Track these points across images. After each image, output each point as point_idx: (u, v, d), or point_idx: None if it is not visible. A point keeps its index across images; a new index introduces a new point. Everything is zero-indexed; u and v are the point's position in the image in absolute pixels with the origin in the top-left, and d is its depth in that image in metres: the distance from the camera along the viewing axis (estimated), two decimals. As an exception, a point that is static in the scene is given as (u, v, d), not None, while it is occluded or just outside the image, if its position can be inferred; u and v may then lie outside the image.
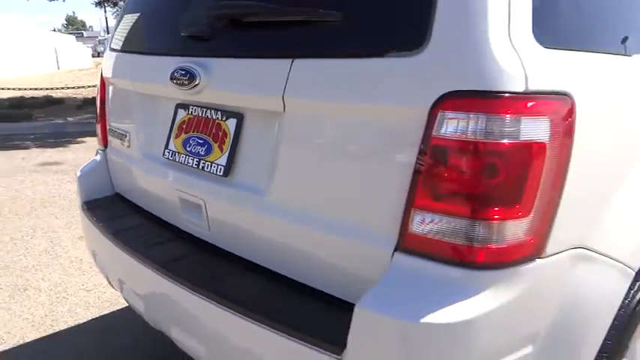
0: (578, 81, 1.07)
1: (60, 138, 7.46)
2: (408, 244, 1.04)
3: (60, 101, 11.12)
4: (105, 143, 2.03)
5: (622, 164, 1.20)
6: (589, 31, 1.21)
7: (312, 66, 1.17)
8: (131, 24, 1.85)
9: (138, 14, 1.82)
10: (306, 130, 1.21)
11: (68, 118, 9.14)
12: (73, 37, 32.22)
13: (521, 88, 0.95)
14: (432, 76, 0.99)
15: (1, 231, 3.78)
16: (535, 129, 0.97)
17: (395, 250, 1.06)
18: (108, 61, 1.97)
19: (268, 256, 1.34)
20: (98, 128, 2.08)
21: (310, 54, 1.18)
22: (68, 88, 12.84)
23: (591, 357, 1.20)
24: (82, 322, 2.57)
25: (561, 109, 1.02)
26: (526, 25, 1.01)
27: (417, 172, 1.01)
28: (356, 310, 1.01)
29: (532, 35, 1.02)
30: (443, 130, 0.97)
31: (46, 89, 12.12)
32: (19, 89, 11.79)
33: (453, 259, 1.00)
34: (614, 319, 1.30)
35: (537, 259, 1.04)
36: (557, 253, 1.08)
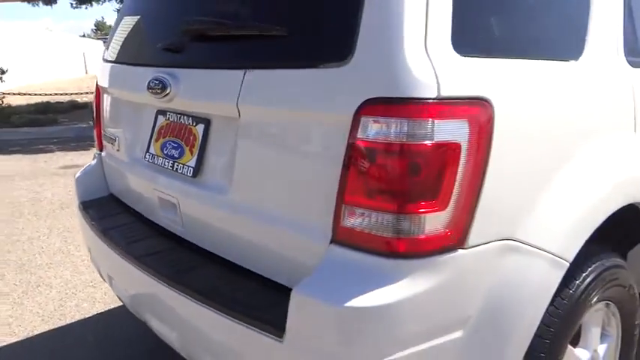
0: (499, 87, 1.17)
1: (82, 142, 7.73)
2: (339, 236, 1.15)
3: (84, 106, 11.49)
4: (100, 147, 2.19)
5: (549, 164, 1.28)
6: (512, 39, 1.30)
7: (259, 76, 1.29)
8: (120, 37, 2.00)
9: (125, 29, 1.97)
10: (257, 135, 1.34)
11: (90, 122, 9.42)
12: (101, 43, 33.03)
13: (433, 95, 1.05)
14: (355, 85, 1.10)
15: (20, 231, 4.00)
16: (449, 131, 1.07)
17: (330, 242, 1.17)
18: (101, 70, 2.12)
19: (230, 249, 1.46)
20: (95, 133, 2.23)
21: (258, 65, 1.30)
22: (93, 93, 13.20)
23: (524, 342, 1.29)
24: (87, 316, 2.74)
25: (478, 113, 1.11)
26: (444, 36, 1.11)
27: (344, 172, 1.12)
28: (292, 295, 1.13)
29: (451, 46, 1.12)
30: (364, 134, 1.08)
31: (72, 94, 12.54)
32: (46, 94, 12.22)
33: (378, 250, 1.10)
34: (557, 308, 1.39)
35: (459, 250, 1.13)
36: (482, 244, 1.17)
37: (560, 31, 1.45)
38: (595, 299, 1.54)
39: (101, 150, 2.19)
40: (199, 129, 1.54)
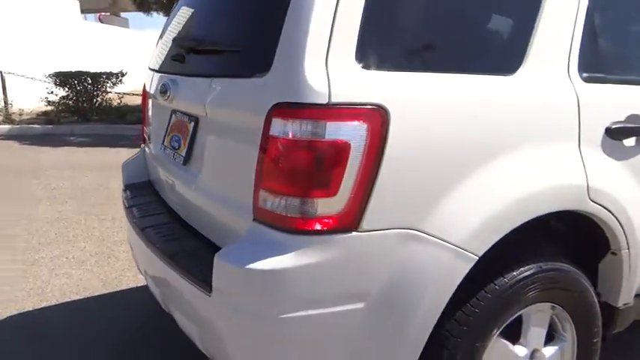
0: (398, 97, 1.36)
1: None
2: (257, 215, 1.41)
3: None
4: (144, 141, 2.61)
5: (458, 168, 1.43)
6: (425, 55, 1.48)
7: (217, 83, 1.61)
8: (156, 50, 2.41)
9: (159, 43, 2.37)
10: (215, 130, 1.66)
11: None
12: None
13: (324, 101, 1.28)
14: (271, 91, 1.36)
15: (106, 212, 4.66)
16: (340, 131, 1.29)
17: (253, 220, 1.43)
18: (146, 77, 2.55)
19: (201, 224, 1.78)
20: (142, 129, 2.67)
21: (218, 75, 1.61)
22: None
23: (427, 324, 1.45)
24: (141, 284, 3.21)
25: (371, 118, 1.31)
26: (348, 52, 1.33)
27: (259, 163, 1.38)
28: (214, 260, 1.41)
29: (354, 60, 1.34)
30: (273, 132, 1.33)
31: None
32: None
33: (281, 227, 1.35)
34: (480, 300, 1.53)
35: (353, 232, 1.34)
36: (379, 230, 1.37)
37: (488, 47, 1.59)
38: (530, 299, 1.64)
39: (144, 143, 2.62)
40: (191, 125, 1.87)
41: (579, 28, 1.69)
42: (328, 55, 1.31)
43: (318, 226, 1.32)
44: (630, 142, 1.76)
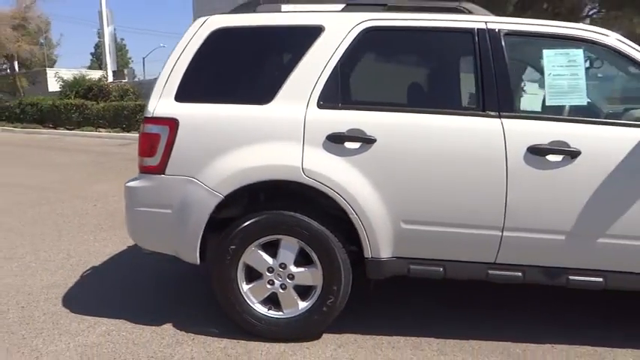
0: (185, 114, 2.92)
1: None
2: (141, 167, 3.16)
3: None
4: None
5: (214, 148, 2.90)
6: (203, 94, 2.97)
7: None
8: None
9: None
10: None
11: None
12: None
13: (150, 115, 2.96)
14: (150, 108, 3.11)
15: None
16: (155, 129, 2.96)
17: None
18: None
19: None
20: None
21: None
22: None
23: (200, 224, 2.92)
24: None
25: (169, 123, 2.93)
26: (172, 92, 2.99)
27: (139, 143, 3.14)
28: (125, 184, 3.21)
29: (174, 96, 2.98)
30: (142, 129, 3.07)
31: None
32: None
33: (140, 170, 3.06)
34: (237, 226, 2.94)
35: (162, 175, 2.97)
36: (175, 175, 2.96)
37: (251, 90, 2.95)
38: (270, 230, 2.93)
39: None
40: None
41: (324, 77, 2.89)
42: (162, 93, 2.99)
43: (148, 170, 3.00)
44: (350, 145, 2.82)
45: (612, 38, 2.85)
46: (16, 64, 24.63)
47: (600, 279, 2.83)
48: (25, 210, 6.29)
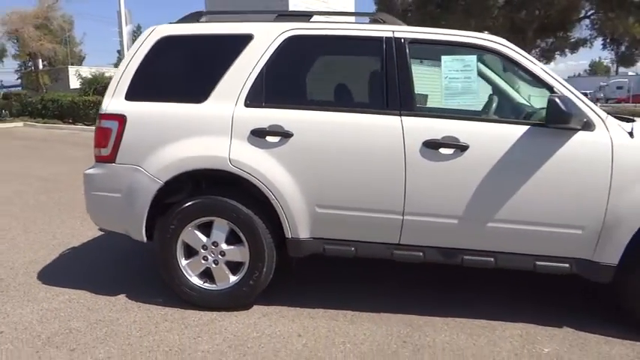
0: (134, 110, 3.38)
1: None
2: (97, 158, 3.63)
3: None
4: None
5: (156, 141, 3.34)
6: (148, 94, 3.41)
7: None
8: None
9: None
10: None
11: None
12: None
13: (103, 112, 3.43)
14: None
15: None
16: (107, 124, 3.42)
17: (102, 158, 3.66)
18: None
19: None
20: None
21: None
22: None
23: (144, 207, 3.37)
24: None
25: (119, 118, 3.39)
26: (122, 95, 3.44)
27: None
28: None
29: (124, 96, 3.44)
30: (97, 124, 3.54)
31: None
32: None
33: (96, 159, 3.53)
34: (178, 208, 3.39)
35: (113, 163, 3.43)
36: (123, 164, 3.42)
37: (190, 90, 3.38)
38: (205, 212, 3.36)
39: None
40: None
41: (251, 80, 3.32)
42: (115, 93, 3.45)
43: (104, 159, 3.46)
44: (271, 139, 3.24)
45: (502, 45, 3.20)
46: (40, 61, 25.64)
47: (491, 259, 3.19)
48: (26, 199, 6.86)
